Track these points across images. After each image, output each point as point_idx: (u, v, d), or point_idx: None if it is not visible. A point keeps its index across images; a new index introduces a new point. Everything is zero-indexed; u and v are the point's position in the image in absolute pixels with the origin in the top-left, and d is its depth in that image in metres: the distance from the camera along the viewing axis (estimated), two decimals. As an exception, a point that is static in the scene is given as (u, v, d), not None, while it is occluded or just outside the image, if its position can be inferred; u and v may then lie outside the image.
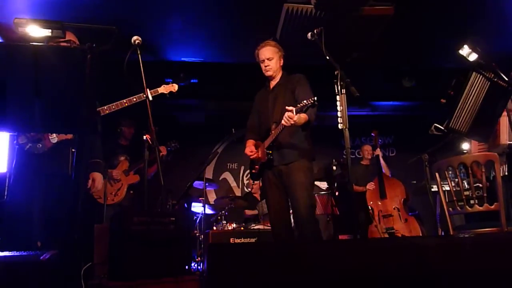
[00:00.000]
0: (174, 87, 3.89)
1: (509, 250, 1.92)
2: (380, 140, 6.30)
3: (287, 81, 3.62)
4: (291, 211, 3.56)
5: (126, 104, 3.51)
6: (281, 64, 3.66)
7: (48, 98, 2.08)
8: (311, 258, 1.87)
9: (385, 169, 6.00)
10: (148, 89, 3.41)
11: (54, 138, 3.13)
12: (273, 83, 3.68)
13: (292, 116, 3.08)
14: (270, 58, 3.56)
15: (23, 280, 1.95)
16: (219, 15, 4.98)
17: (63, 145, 3.14)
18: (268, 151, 3.46)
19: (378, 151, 6.01)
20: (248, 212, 6.34)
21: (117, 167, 4.96)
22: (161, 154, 4.87)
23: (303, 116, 3.22)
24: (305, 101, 3.06)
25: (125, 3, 4.62)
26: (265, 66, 3.59)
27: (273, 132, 3.42)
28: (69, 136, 3.13)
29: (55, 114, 2.14)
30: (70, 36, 3.13)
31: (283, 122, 3.16)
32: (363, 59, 5.87)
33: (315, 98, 3.07)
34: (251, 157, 3.60)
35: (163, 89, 3.79)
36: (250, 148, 3.61)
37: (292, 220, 3.64)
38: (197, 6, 4.75)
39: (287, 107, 3.12)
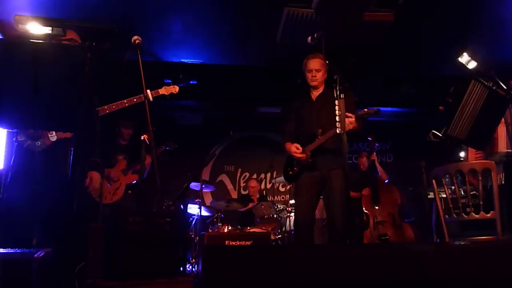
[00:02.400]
0: (175, 89, 3.88)
1: (504, 258, 1.92)
2: (376, 144, 6.29)
3: (331, 92, 3.73)
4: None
5: (127, 105, 3.51)
6: (325, 77, 3.84)
7: (47, 96, 2.08)
8: (306, 263, 1.87)
9: (381, 173, 5.99)
10: (149, 90, 3.39)
11: (53, 136, 3.13)
12: (315, 93, 3.87)
13: (352, 122, 3.37)
14: (318, 69, 3.76)
15: (16, 277, 1.95)
16: (219, 17, 4.98)
17: (62, 144, 3.13)
18: (312, 154, 3.69)
19: (374, 156, 6.00)
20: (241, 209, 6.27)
21: (115, 166, 4.94)
22: (158, 150, 4.87)
23: (358, 124, 3.49)
24: (366, 109, 3.35)
25: (126, 3, 4.63)
26: (312, 76, 3.78)
27: (320, 137, 3.65)
28: (68, 134, 3.12)
29: (54, 111, 2.14)
30: (72, 35, 3.12)
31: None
32: (362, 64, 5.89)
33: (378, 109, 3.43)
34: (297, 156, 3.73)
35: (163, 91, 3.78)
36: (295, 146, 3.76)
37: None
38: (197, 7, 4.76)
39: (347, 113, 3.31)
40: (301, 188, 3.80)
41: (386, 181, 6.01)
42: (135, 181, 5.04)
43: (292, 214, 5.53)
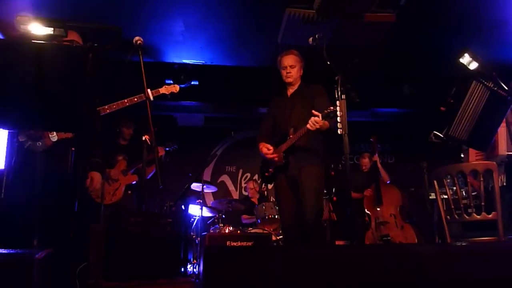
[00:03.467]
0: (176, 88, 3.90)
1: (505, 259, 1.92)
2: (379, 146, 6.29)
3: (306, 89, 3.73)
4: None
5: (127, 104, 3.51)
6: (301, 73, 3.77)
7: (48, 96, 2.07)
8: (308, 264, 1.87)
9: (383, 174, 5.99)
10: (149, 89, 3.40)
11: (54, 136, 3.13)
12: (291, 91, 3.79)
13: (318, 121, 3.19)
14: (292, 65, 3.69)
15: (17, 278, 1.95)
16: (221, 18, 4.98)
17: (62, 144, 3.13)
18: (285, 155, 3.57)
19: (376, 157, 6.00)
20: (246, 217, 6.32)
21: (115, 166, 4.95)
22: (159, 154, 4.87)
23: (326, 123, 3.32)
24: (331, 107, 3.14)
25: (128, 4, 4.63)
26: (287, 73, 3.71)
27: (291, 136, 3.52)
28: (69, 134, 3.13)
29: (55, 112, 2.13)
30: (73, 36, 3.13)
31: (308, 126, 3.25)
32: (364, 65, 5.89)
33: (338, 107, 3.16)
34: (268, 156, 3.65)
35: (164, 90, 3.79)
36: (266, 147, 3.69)
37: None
38: (199, 8, 4.76)
39: (314, 111, 3.21)
40: (279, 191, 3.70)
41: (388, 182, 6.02)
42: (134, 182, 5.05)
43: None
